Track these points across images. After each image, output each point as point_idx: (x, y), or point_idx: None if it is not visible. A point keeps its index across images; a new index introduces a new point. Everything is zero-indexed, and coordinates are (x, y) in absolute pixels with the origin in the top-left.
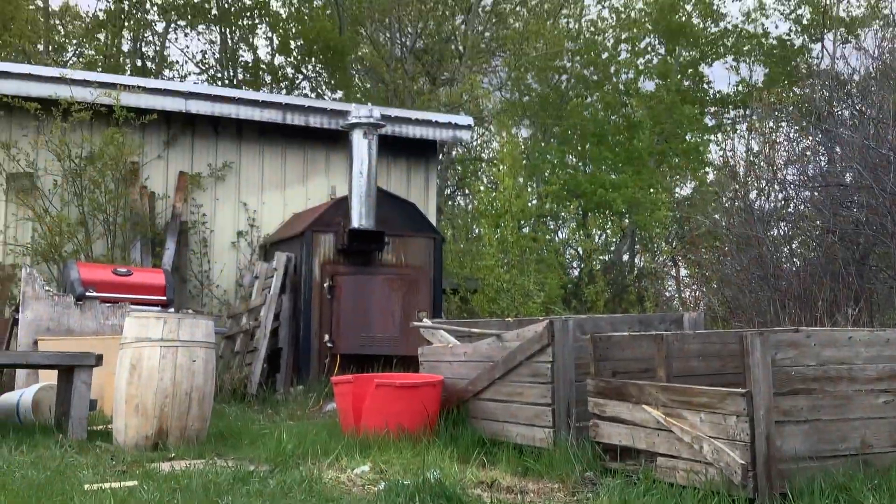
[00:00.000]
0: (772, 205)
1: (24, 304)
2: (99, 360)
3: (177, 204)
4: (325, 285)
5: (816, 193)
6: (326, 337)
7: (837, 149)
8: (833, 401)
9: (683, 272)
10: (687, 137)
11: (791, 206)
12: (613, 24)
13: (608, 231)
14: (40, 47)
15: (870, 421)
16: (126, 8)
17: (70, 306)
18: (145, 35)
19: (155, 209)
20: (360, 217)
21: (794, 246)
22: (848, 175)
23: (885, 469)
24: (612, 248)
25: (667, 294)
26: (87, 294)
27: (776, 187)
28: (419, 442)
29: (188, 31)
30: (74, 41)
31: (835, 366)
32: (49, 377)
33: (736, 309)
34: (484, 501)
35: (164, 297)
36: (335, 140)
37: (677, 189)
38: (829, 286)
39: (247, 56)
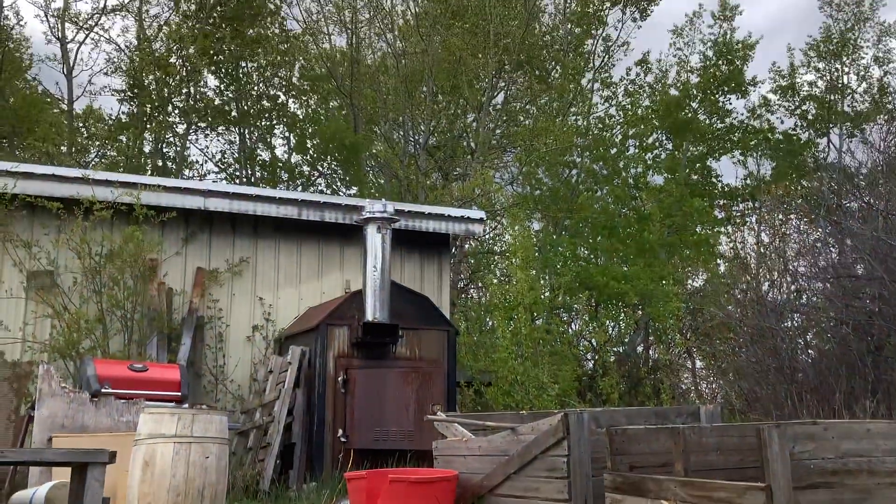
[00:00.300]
0: (784, 296)
1: (40, 401)
2: (112, 457)
3: (194, 299)
4: (339, 379)
5: (828, 285)
6: (340, 431)
7: (847, 241)
8: (853, 494)
9: (699, 364)
10: (697, 229)
11: (804, 297)
12: (621, 120)
13: (621, 323)
14: (63, 149)
15: None
16: (148, 110)
17: (85, 403)
18: (166, 136)
19: (172, 304)
20: (374, 310)
21: (808, 337)
22: (859, 267)
23: None
24: (626, 340)
25: (682, 386)
26: (103, 390)
27: (788, 279)
28: None
29: (208, 132)
30: (97, 143)
31: (854, 458)
32: (62, 474)
33: (753, 401)
34: None
35: (179, 393)
36: (349, 234)
37: (689, 281)
38: (845, 378)
39: (264, 155)
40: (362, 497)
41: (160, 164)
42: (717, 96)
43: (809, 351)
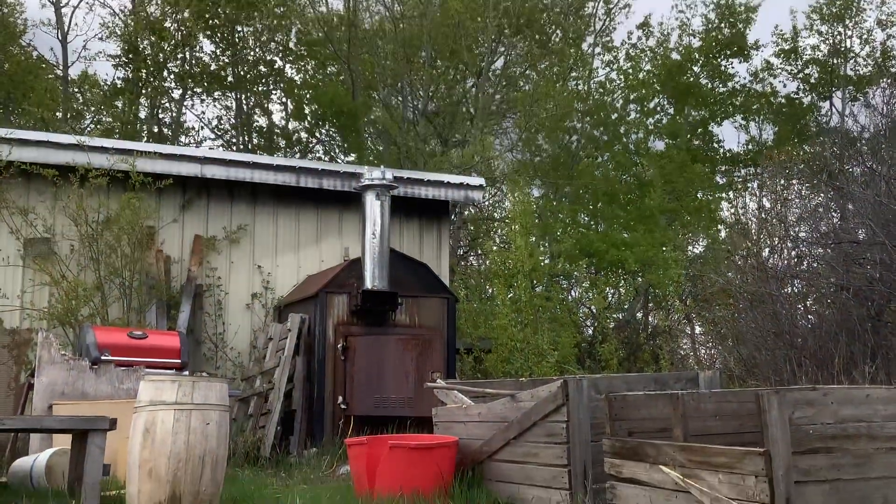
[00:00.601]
0: (785, 262)
1: (40, 369)
2: (113, 424)
3: (192, 267)
4: (338, 346)
5: (829, 250)
6: (340, 398)
7: (849, 206)
8: (853, 459)
9: (698, 330)
10: (698, 196)
11: (804, 263)
12: (622, 85)
13: (621, 290)
14: (59, 115)
15: (891, 480)
16: (143, 76)
17: (85, 370)
18: (162, 102)
19: (170, 272)
20: (373, 278)
21: (808, 303)
22: (861, 232)
23: None
24: (626, 307)
25: (681, 353)
26: (103, 358)
27: (789, 244)
28: None
29: (204, 97)
30: (92, 109)
31: (853, 424)
32: (63, 442)
33: (752, 367)
34: None
35: (179, 360)
36: (348, 202)
37: (690, 247)
38: (844, 343)
39: (261, 121)
40: (362, 463)
41: (156, 130)
42: (719, 60)
43: (809, 316)
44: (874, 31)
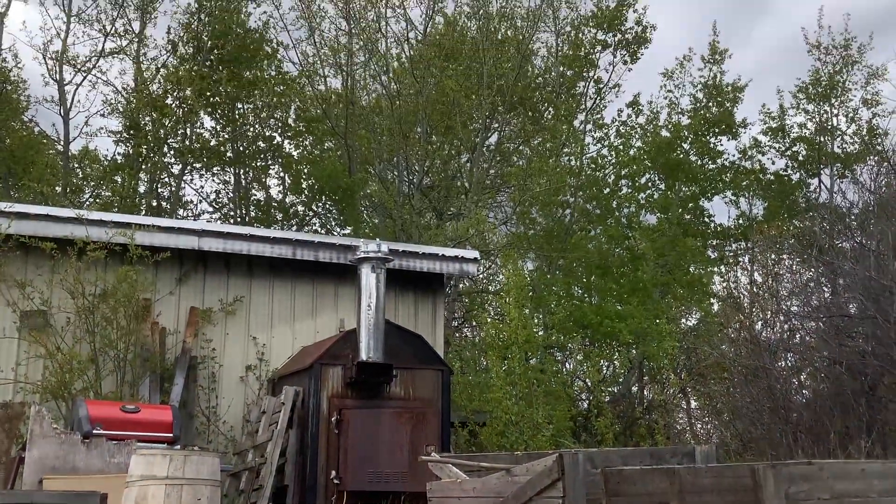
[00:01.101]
0: (777, 335)
1: (31, 443)
2: (104, 499)
3: (187, 339)
4: (332, 419)
5: (821, 324)
6: (333, 473)
7: (840, 280)
8: None
9: (693, 404)
10: (690, 269)
11: (797, 336)
12: (613, 161)
13: (616, 362)
14: (58, 189)
15: None
16: (144, 151)
17: (77, 444)
18: (161, 176)
19: (165, 344)
20: (368, 350)
21: (802, 377)
22: (852, 306)
23: None
24: (621, 380)
25: (678, 427)
26: (94, 432)
27: (781, 318)
28: None
29: (203, 172)
30: (92, 183)
31: (849, 499)
32: None
33: (748, 442)
34: None
35: (171, 434)
36: (344, 274)
37: (683, 320)
38: (839, 418)
39: (259, 195)
40: None
41: (154, 204)
42: (708, 137)
43: (804, 391)
44: (860, 109)
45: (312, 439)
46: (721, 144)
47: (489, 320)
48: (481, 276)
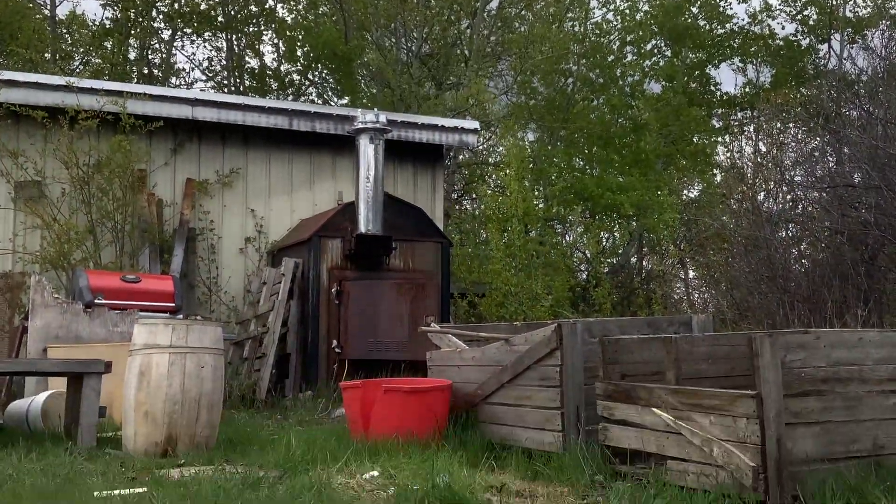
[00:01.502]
0: (780, 206)
1: (34, 312)
2: (108, 367)
3: (184, 211)
4: (332, 291)
5: (824, 194)
6: (334, 342)
7: (846, 149)
8: (844, 402)
9: (692, 274)
10: (694, 139)
11: (799, 207)
12: (619, 26)
13: (616, 234)
14: (47, 56)
15: (882, 422)
16: (132, 16)
17: (79, 314)
18: (152, 43)
19: (163, 216)
20: (367, 222)
21: (802, 247)
22: (856, 175)
23: None
24: (620, 252)
25: (675, 297)
26: (96, 301)
27: (784, 188)
28: (428, 447)
29: (194, 38)
30: (81, 50)
31: (845, 367)
32: (59, 384)
33: (745, 311)
34: None
35: (173, 304)
36: (341, 145)
37: (685, 191)
38: (838, 287)
39: (253, 63)
40: (357, 406)
41: (146, 71)
42: (717, 1)
43: (803, 261)
44: None
45: (313, 310)
46: (731, 8)
47: (489, 192)
48: (481, 147)
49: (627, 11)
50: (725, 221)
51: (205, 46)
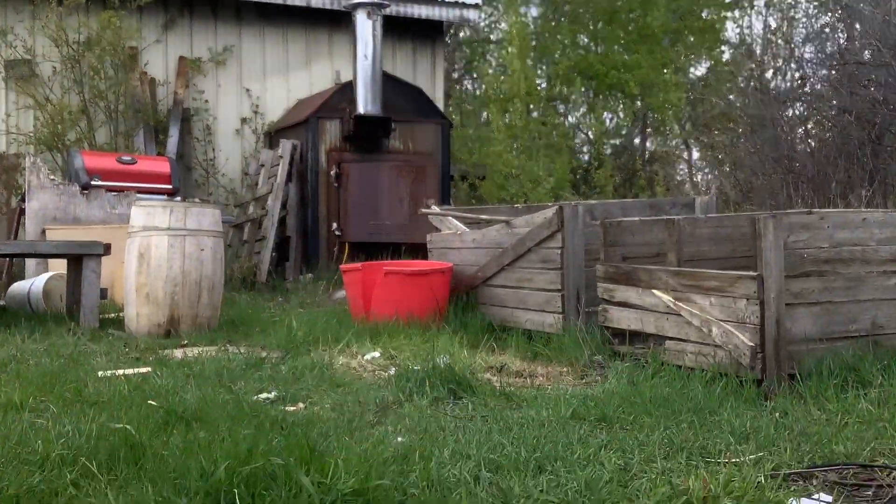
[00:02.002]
0: (788, 84)
1: (30, 194)
2: (107, 249)
3: (178, 90)
4: (331, 173)
5: (834, 72)
6: (334, 225)
7: (857, 25)
8: (845, 282)
9: (695, 155)
10: (703, 15)
11: (808, 85)
12: None
13: (620, 114)
14: None
15: (881, 302)
16: None
17: (76, 195)
18: None
19: (156, 96)
20: (366, 103)
21: (808, 126)
22: (867, 52)
23: (894, 350)
24: (624, 132)
25: (678, 178)
26: (93, 183)
27: (793, 66)
28: (429, 328)
29: None
30: None
31: (848, 248)
32: (58, 266)
33: (749, 192)
34: (493, 385)
35: (170, 186)
36: (338, 21)
37: (692, 69)
38: (843, 167)
39: None
40: (358, 288)
41: None
42: None
43: (809, 140)
44: None
45: (312, 192)
46: None
47: (490, 72)
48: (482, 24)
49: None
50: (732, 101)
51: None
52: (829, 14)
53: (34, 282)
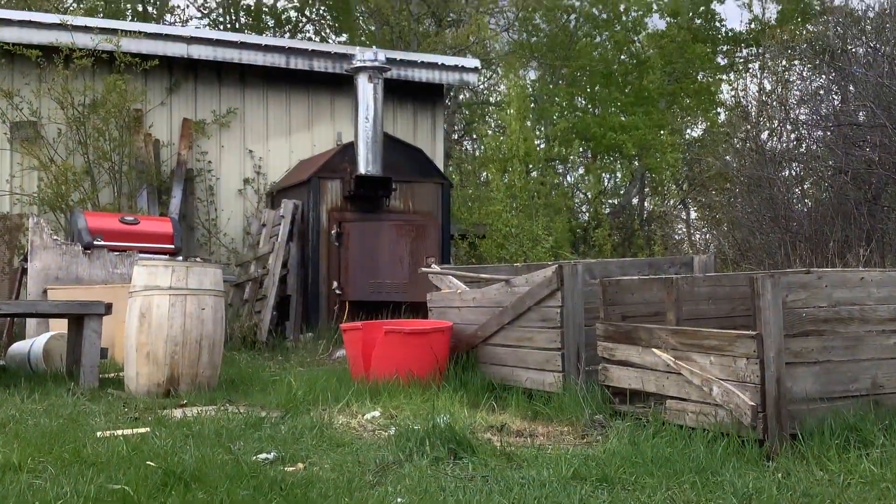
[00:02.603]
0: (783, 145)
1: (33, 254)
2: (108, 308)
3: (182, 151)
4: (332, 232)
5: (829, 133)
6: (335, 284)
7: (851, 87)
8: (844, 342)
9: (693, 215)
10: (698, 77)
11: (803, 146)
12: None
13: (617, 174)
14: None
15: (881, 361)
16: None
17: (78, 255)
18: None
19: (160, 157)
20: (366, 163)
21: (805, 187)
22: (861, 114)
23: (895, 409)
24: (622, 192)
25: (676, 237)
26: (95, 243)
27: (788, 127)
28: (429, 388)
29: None
30: None
31: (846, 307)
32: (59, 326)
33: (746, 251)
34: (493, 445)
35: (172, 246)
36: (340, 85)
37: (688, 130)
38: (840, 227)
39: (249, 0)
40: (358, 347)
41: (140, 9)
42: None
43: (806, 200)
44: None
45: (313, 251)
46: None
47: (490, 133)
48: (482, 86)
49: None
50: (728, 161)
51: None
52: (824, 76)
53: (34, 341)
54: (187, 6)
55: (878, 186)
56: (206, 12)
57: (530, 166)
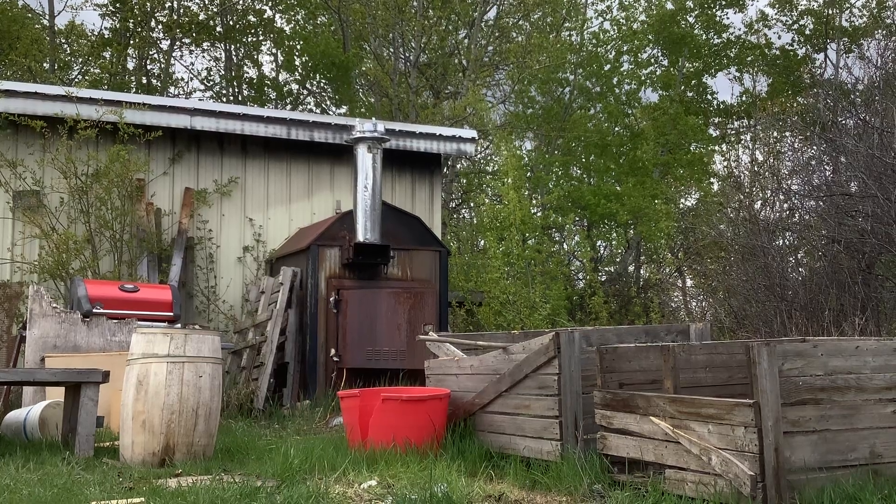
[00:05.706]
0: (777, 215)
1: (31, 322)
2: (106, 376)
3: (183, 220)
4: (330, 299)
5: (821, 203)
6: (332, 351)
7: (842, 158)
8: (841, 410)
9: (689, 283)
10: (691, 148)
11: (796, 215)
12: (615, 36)
13: (613, 242)
14: (46, 65)
15: (879, 430)
16: (131, 26)
17: (77, 323)
18: (150, 53)
19: (161, 225)
20: (365, 231)
21: (799, 256)
22: (853, 184)
23: (895, 479)
24: (618, 260)
25: (672, 305)
26: (94, 311)
27: (781, 197)
28: (426, 456)
29: (193, 48)
30: (80, 59)
31: (843, 375)
32: (56, 394)
33: (742, 319)
34: None
35: (171, 313)
36: (339, 155)
37: (682, 200)
38: (835, 296)
39: (251, 72)
40: (355, 415)
41: (144, 81)
42: (713, 10)
43: (800, 269)
44: None
45: (311, 319)
46: (727, 17)
47: (486, 201)
48: (479, 156)
49: (624, 21)
50: (722, 230)
51: (203, 56)
52: (815, 147)
53: (30, 410)
54: (191, 79)
55: (872, 256)
56: (209, 85)
57: (526, 234)
